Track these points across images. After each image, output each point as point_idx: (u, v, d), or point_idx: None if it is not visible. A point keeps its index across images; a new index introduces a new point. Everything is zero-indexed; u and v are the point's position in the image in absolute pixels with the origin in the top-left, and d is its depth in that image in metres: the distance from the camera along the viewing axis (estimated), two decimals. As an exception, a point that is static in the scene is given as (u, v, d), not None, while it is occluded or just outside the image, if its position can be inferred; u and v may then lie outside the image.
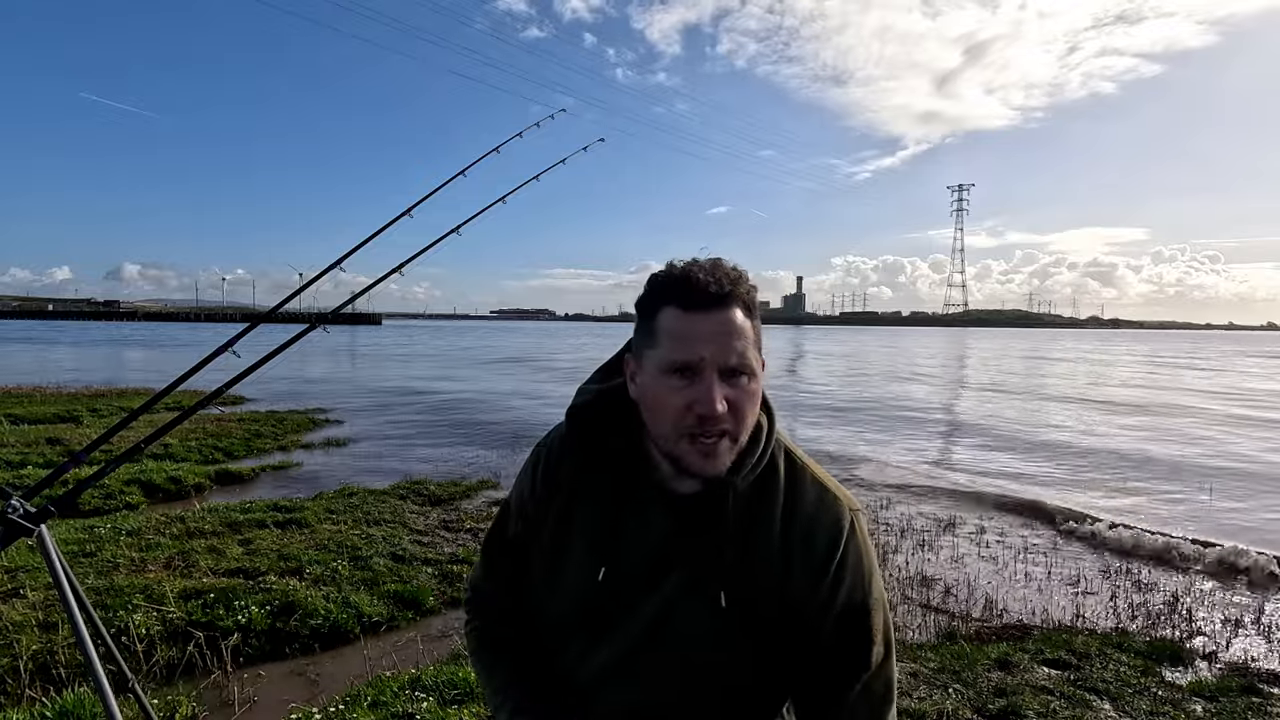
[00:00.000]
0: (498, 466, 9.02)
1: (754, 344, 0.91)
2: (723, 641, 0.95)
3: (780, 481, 0.97)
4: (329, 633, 3.98)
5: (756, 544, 0.95)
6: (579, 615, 1.00)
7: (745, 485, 0.95)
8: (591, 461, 1.01)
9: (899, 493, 8.13)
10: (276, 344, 1.96)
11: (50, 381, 17.74)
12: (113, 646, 1.96)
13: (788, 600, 0.95)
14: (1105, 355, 50.56)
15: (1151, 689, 3.56)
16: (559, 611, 1.02)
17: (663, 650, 0.96)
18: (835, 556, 0.95)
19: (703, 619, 0.95)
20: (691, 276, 0.89)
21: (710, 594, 0.94)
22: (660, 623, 0.96)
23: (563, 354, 41.36)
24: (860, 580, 0.96)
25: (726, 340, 0.88)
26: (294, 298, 2.25)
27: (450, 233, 2.19)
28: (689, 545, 0.95)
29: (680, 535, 0.96)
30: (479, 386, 20.53)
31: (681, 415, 0.88)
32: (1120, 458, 10.70)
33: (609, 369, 1.06)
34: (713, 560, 0.94)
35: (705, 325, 0.88)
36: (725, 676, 0.97)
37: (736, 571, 0.94)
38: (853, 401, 18.03)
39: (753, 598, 0.94)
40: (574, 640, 1.01)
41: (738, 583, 0.94)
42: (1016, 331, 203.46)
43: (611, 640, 0.98)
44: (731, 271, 0.91)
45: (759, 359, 0.92)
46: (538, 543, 1.04)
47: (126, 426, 1.86)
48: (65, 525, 5.48)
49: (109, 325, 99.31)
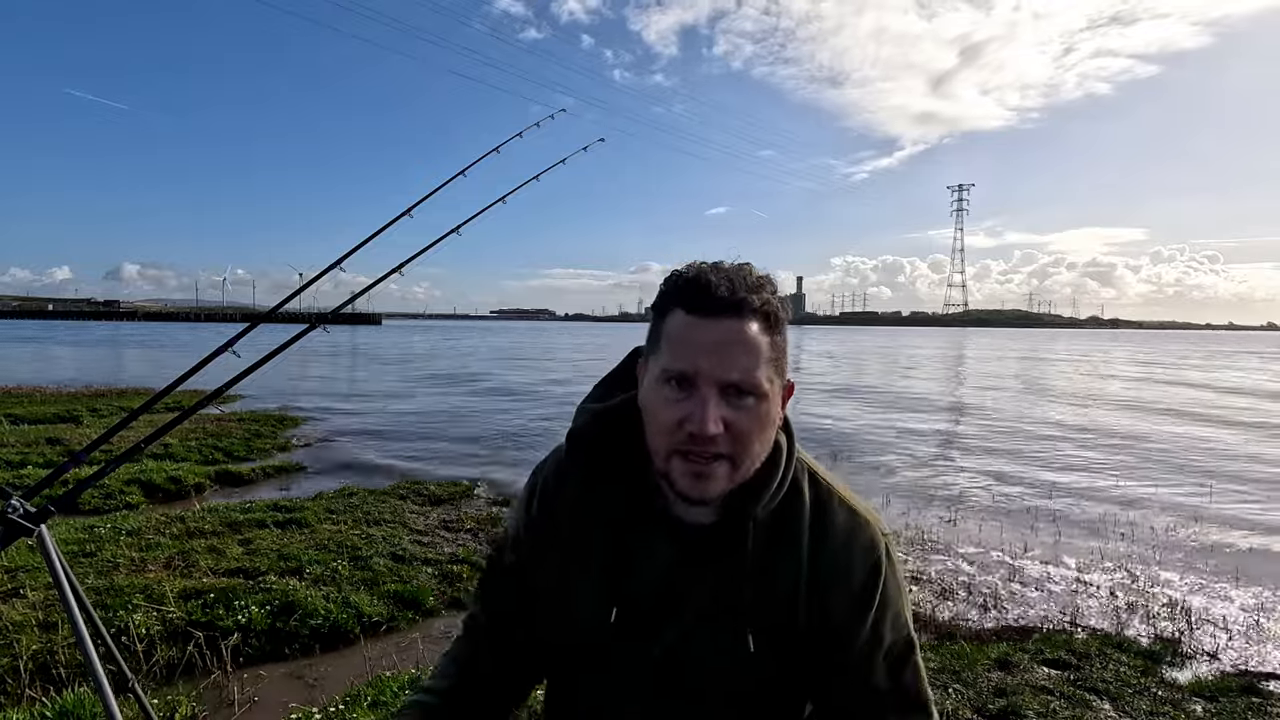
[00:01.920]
0: (498, 467, 9.02)
1: (769, 361, 0.81)
2: (748, 684, 0.88)
3: (806, 507, 0.89)
4: (329, 633, 3.98)
5: (783, 577, 0.87)
6: (586, 652, 0.93)
7: (765, 514, 0.87)
8: (596, 488, 0.93)
9: (899, 492, 8.13)
10: (276, 344, 1.96)
11: (50, 381, 17.73)
12: (113, 646, 1.96)
13: (825, 636, 0.87)
14: (1120, 355, 50.53)
15: (1151, 689, 3.56)
16: (565, 646, 0.95)
17: (681, 692, 0.89)
18: (878, 586, 0.88)
19: (725, 661, 0.87)
20: (703, 278, 0.81)
21: (734, 634, 0.86)
22: (676, 664, 0.89)
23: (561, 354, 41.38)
24: (902, 611, 0.90)
25: (730, 352, 0.78)
26: (294, 298, 2.25)
27: (450, 233, 2.19)
28: (704, 580, 0.88)
29: (689, 567, 0.88)
30: (480, 386, 20.53)
31: (673, 430, 0.80)
32: (1123, 454, 10.72)
33: (609, 383, 0.98)
34: (733, 597, 0.86)
35: (708, 334, 0.79)
36: (746, 718, 0.91)
37: (761, 609, 0.87)
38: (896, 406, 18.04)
39: (783, 635, 0.87)
40: (583, 674, 0.95)
41: (765, 620, 0.87)
42: (1018, 332, 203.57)
43: (623, 680, 0.92)
44: (752, 278, 0.82)
45: (776, 379, 0.82)
46: (540, 575, 0.97)
47: (126, 426, 1.86)
48: (65, 525, 5.48)
49: (109, 325, 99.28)
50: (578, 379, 23.20)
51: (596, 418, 0.94)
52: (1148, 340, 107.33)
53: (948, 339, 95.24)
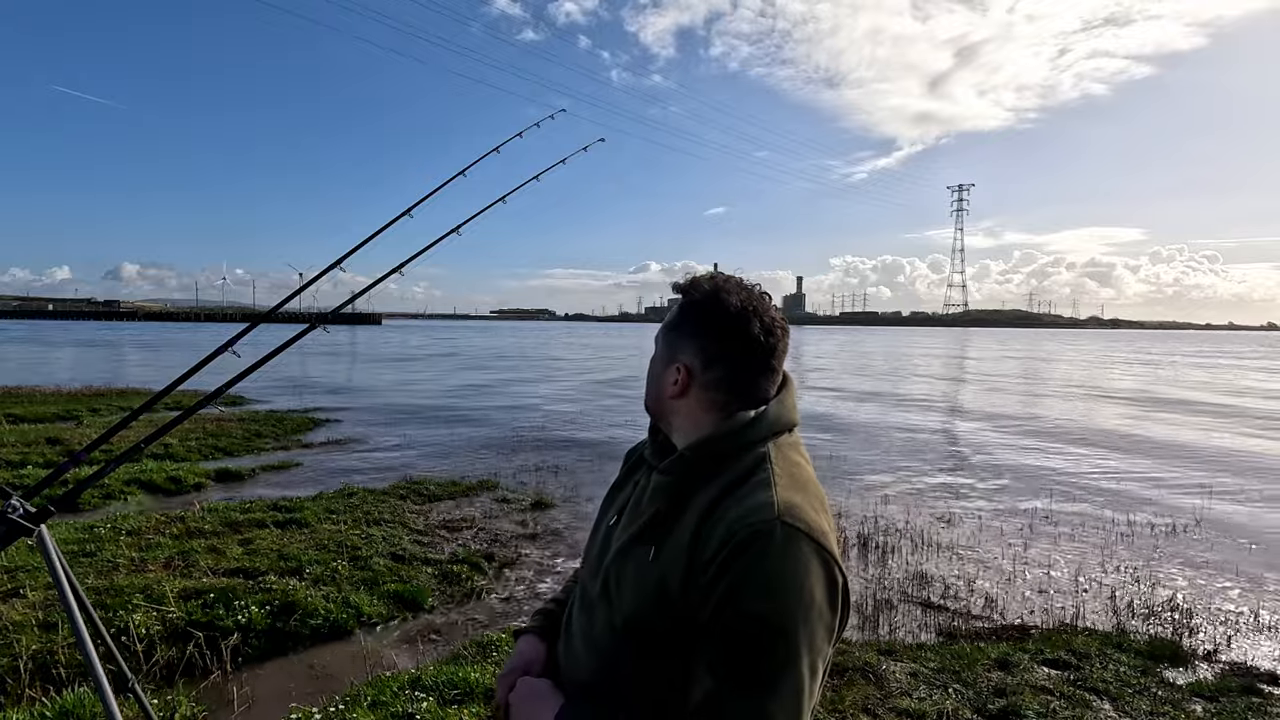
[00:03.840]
0: (498, 467, 9.02)
1: (659, 357, 1.11)
2: (643, 593, 0.95)
3: (737, 474, 0.97)
4: (329, 632, 3.98)
5: (688, 514, 0.96)
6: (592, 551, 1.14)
7: (693, 455, 1.00)
8: (644, 445, 1.19)
9: (899, 492, 8.13)
10: (276, 344, 1.96)
11: (50, 381, 17.74)
12: (113, 646, 1.96)
13: (683, 583, 0.91)
14: (1125, 356, 50.52)
15: (1151, 689, 3.56)
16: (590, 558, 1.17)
17: (605, 594, 1.01)
18: (730, 566, 0.86)
19: (633, 565, 0.98)
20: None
21: (648, 544, 0.98)
22: (614, 562, 1.02)
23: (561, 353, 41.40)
24: (744, 596, 0.85)
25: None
26: (294, 298, 2.25)
27: (450, 233, 2.19)
28: (650, 500, 1.02)
29: (646, 489, 1.05)
30: (480, 387, 20.53)
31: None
32: (1124, 451, 10.72)
33: None
34: (657, 514, 1.00)
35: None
36: (635, 620, 0.96)
37: (669, 533, 0.97)
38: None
39: (672, 562, 0.93)
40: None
41: (667, 544, 0.96)
42: (1019, 332, 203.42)
43: (585, 581, 1.11)
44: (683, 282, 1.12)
45: (668, 365, 1.09)
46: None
47: (126, 426, 1.86)
48: (65, 525, 5.48)
49: (109, 325, 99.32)
50: (578, 379, 23.21)
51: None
52: (1151, 340, 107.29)
53: (950, 339, 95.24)
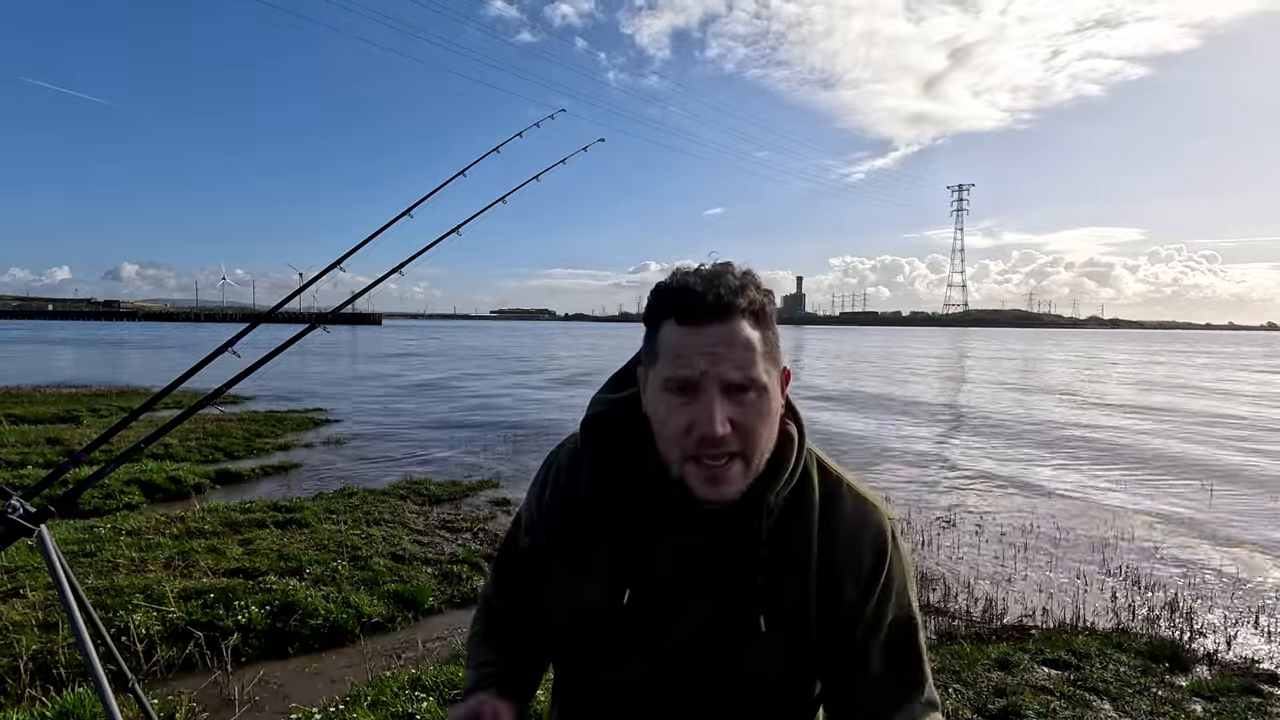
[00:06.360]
0: (498, 467, 9.02)
1: (764, 355, 0.84)
2: (760, 665, 0.90)
3: (815, 495, 0.92)
4: (329, 633, 3.98)
5: (795, 562, 0.90)
6: (603, 635, 0.94)
7: (779, 501, 0.89)
8: (611, 473, 0.95)
9: (900, 492, 8.13)
10: (276, 344, 1.96)
11: (50, 381, 17.75)
12: (113, 646, 1.96)
13: (833, 618, 0.90)
14: (1129, 356, 50.49)
15: (1151, 689, 3.55)
16: (580, 630, 0.96)
17: (693, 674, 0.90)
18: (884, 568, 0.91)
19: (738, 643, 0.89)
20: (688, 288, 0.84)
21: (747, 615, 0.89)
22: (691, 646, 0.90)
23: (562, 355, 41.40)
24: (906, 592, 0.93)
25: (726, 354, 0.81)
26: (294, 298, 2.26)
27: (450, 233, 2.19)
28: (721, 564, 0.90)
29: (710, 550, 0.90)
30: (480, 387, 20.53)
31: (683, 436, 0.83)
32: (1123, 455, 10.72)
33: (621, 378, 1.00)
34: (746, 580, 0.89)
35: (703, 339, 0.82)
36: (761, 702, 0.92)
37: (773, 592, 0.89)
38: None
39: (795, 619, 0.89)
40: (596, 659, 0.96)
41: (776, 604, 0.89)
42: (1019, 331, 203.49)
43: (638, 662, 0.92)
44: (734, 279, 0.84)
45: (772, 371, 0.86)
46: (555, 559, 0.98)
47: (126, 426, 1.86)
48: (65, 525, 5.48)
49: (109, 325, 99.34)
50: (578, 379, 23.20)
51: (610, 405, 0.98)
52: (1154, 340, 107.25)
53: (951, 339, 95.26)
